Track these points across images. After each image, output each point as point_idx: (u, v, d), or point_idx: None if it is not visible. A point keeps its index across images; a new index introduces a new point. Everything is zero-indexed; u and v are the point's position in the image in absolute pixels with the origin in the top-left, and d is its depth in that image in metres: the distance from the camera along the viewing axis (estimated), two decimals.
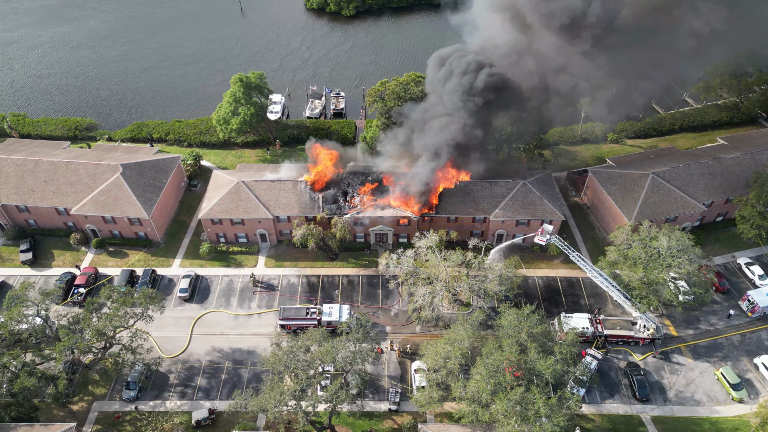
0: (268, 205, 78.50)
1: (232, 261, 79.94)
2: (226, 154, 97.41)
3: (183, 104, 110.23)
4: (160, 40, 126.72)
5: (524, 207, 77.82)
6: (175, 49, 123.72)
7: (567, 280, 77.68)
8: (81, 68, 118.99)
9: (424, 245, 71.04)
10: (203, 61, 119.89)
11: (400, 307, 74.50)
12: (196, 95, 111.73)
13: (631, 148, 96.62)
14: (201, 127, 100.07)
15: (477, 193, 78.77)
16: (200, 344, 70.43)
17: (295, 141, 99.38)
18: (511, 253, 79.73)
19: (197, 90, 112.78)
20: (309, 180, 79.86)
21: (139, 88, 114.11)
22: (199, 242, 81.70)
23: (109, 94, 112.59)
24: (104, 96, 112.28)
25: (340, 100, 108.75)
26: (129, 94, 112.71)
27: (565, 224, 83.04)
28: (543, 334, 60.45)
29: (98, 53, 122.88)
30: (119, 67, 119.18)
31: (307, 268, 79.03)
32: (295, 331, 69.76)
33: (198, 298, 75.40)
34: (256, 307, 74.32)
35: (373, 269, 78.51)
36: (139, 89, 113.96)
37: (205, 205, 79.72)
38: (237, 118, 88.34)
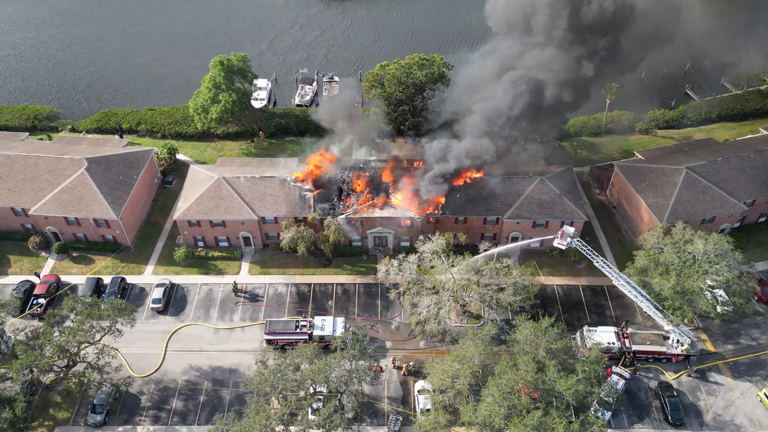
0: (252, 205, 78.40)
1: (211, 268, 79.84)
2: (204, 147, 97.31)
3: (158, 91, 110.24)
4: (135, 18, 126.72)
5: (542, 206, 77.74)
6: (151, 29, 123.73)
7: (590, 289, 77.56)
8: (43, 49, 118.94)
9: (428, 250, 70.92)
10: (183, 42, 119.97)
11: (402, 319, 74.40)
12: (173, 81, 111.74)
13: (662, 140, 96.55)
14: (177, 117, 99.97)
15: (489, 190, 78.68)
16: (176, 362, 70.23)
17: (283, 132, 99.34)
18: (527, 259, 79.64)
19: (175, 75, 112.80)
20: (299, 176, 79.72)
21: (108, 73, 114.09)
22: (175, 247, 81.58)
23: (74, 79, 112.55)
24: (69, 81, 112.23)
25: (334, 85, 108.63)
26: (97, 80, 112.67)
27: (588, 226, 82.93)
28: (563, 350, 60.31)
29: (64, 32, 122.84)
30: (87, 49, 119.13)
31: (296, 275, 78.92)
32: (283, 347, 69.66)
33: (173, 309, 75.30)
34: (238, 320, 74.22)
35: (372, 277, 78.43)
36: (108, 74, 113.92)
37: (181, 204, 79.60)
38: (217, 106, 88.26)
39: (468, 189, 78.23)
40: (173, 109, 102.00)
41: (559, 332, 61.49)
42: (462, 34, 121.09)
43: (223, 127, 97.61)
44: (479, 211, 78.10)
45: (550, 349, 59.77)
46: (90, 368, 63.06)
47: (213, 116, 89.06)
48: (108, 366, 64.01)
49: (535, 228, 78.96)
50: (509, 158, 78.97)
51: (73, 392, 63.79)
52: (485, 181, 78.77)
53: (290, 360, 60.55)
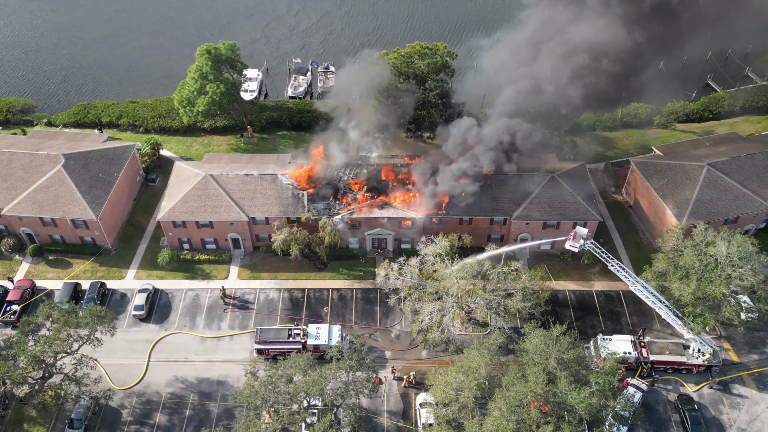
0: (241, 204, 78.27)
1: (198, 272, 79.73)
2: (190, 142, 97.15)
3: (140, 82, 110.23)
4: (117, 3, 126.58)
5: (553, 206, 77.63)
6: (134, 15, 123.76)
7: (605, 295, 77.47)
8: (17, 37, 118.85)
9: (431, 252, 70.78)
10: (169, 29, 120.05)
11: (403, 327, 74.28)
12: (157, 71, 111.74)
13: (682, 134, 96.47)
14: (160, 109, 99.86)
15: (496, 188, 78.56)
16: (160, 373, 70.10)
17: (275, 126, 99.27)
18: (537, 262, 79.52)
19: (159, 65, 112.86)
20: (292, 174, 79.59)
21: (87, 62, 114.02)
22: (158, 249, 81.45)
23: (51, 70, 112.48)
24: (45, 71, 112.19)
25: (330, 76, 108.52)
26: (75, 70, 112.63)
27: (602, 226, 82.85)
28: (576, 360, 60.22)
29: (40, 19, 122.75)
30: (65, 37, 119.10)
31: (289, 280, 78.80)
32: (275, 357, 69.57)
33: (157, 316, 75.19)
34: (227, 328, 74.11)
35: (370, 281, 78.33)
36: (87, 63, 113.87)
37: (166, 204, 79.45)
38: (204, 98, 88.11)
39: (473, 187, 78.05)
40: (157, 101, 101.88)
41: (572, 341, 61.39)
42: (469, 21, 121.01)
43: (210, 121, 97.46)
44: (485, 210, 77.95)
45: (562, 359, 59.65)
46: (67, 380, 62.89)
47: (199, 109, 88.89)
48: (86, 378, 63.83)
49: (546, 229, 78.83)
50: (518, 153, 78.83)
51: (49, 406, 63.58)
52: (492, 179, 78.60)
53: (282, 371, 60.40)
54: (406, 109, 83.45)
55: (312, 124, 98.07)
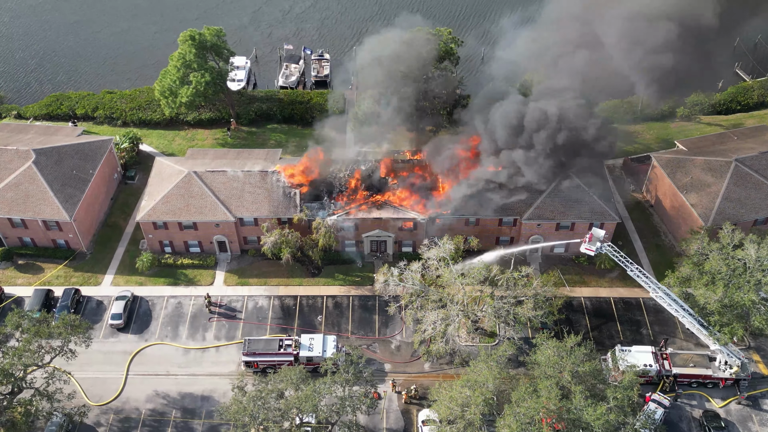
0: (228, 204, 78.31)
1: (181, 277, 79.76)
2: (173, 136, 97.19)
3: (119, 71, 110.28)
4: None
5: (567, 205, 77.66)
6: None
7: (623, 302, 77.51)
8: None
9: (434, 256, 70.80)
10: (150, 13, 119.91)
11: (404, 337, 74.30)
12: (137, 59, 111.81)
13: (707, 128, 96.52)
14: (140, 101, 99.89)
15: (505, 186, 78.40)
16: (139, 387, 70.11)
17: (264, 119, 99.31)
18: (550, 267, 79.54)
19: (139, 52, 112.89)
20: (283, 170, 79.64)
21: (61, 50, 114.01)
22: (138, 253, 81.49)
23: (22, 57, 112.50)
24: (15, 59, 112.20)
25: (324, 64, 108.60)
26: (48, 57, 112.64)
27: (621, 228, 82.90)
28: (592, 373, 60.25)
29: (10, 2, 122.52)
30: (37, 21, 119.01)
31: (280, 286, 78.85)
32: (265, 371, 69.57)
33: (136, 326, 75.24)
34: (212, 339, 74.14)
35: (368, 288, 78.39)
36: (61, 51, 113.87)
37: (145, 203, 79.50)
38: (187, 88, 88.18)
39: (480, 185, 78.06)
40: (136, 91, 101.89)
41: (587, 353, 61.40)
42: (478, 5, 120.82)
43: (194, 113, 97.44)
44: (494, 210, 77.96)
45: (577, 372, 59.68)
46: (38, 395, 62.85)
47: (182, 100, 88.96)
48: (59, 393, 63.78)
49: (560, 231, 78.86)
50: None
51: (18, 423, 63.51)
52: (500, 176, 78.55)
53: (273, 385, 60.41)
54: (409, 100, 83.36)
55: (305, 116, 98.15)
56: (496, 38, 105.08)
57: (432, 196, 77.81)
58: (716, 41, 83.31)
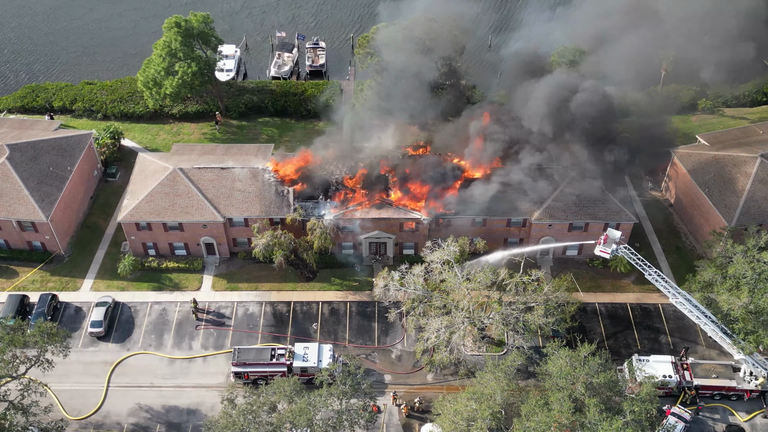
0: (216, 203, 78.29)
1: (165, 282, 79.75)
2: (157, 131, 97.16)
3: (99, 60, 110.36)
4: None
5: (580, 204, 77.66)
6: None
7: (641, 309, 77.52)
8: None
9: (438, 259, 70.77)
10: None
11: (405, 346, 74.29)
12: (119, 48, 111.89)
13: (731, 121, 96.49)
14: (122, 92, 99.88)
15: (513, 185, 78.44)
16: (121, 400, 70.13)
17: (255, 111, 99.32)
18: (562, 270, 79.50)
19: (122, 40, 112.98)
20: (275, 167, 79.61)
21: (38, 38, 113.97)
22: (119, 256, 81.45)
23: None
24: None
25: (320, 53, 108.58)
26: (23, 46, 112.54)
27: (638, 228, 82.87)
28: (607, 385, 60.18)
29: None
30: (12, 7, 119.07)
31: (272, 291, 78.85)
32: (256, 382, 69.58)
33: (117, 334, 75.24)
34: (199, 348, 74.14)
35: (367, 293, 78.38)
36: (38, 39, 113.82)
37: (128, 202, 79.47)
38: (172, 78, 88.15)
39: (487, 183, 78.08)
40: (117, 82, 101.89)
41: (602, 363, 61.28)
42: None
43: (179, 106, 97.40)
44: (502, 210, 77.93)
45: (591, 383, 59.62)
46: (13, 408, 62.72)
47: (167, 92, 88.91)
48: (35, 406, 63.60)
49: (572, 232, 78.84)
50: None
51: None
52: (509, 173, 78.55)
53: (264, 398, 60.35)
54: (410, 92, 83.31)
55: (299, 108, 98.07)
56: (504, 24, 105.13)
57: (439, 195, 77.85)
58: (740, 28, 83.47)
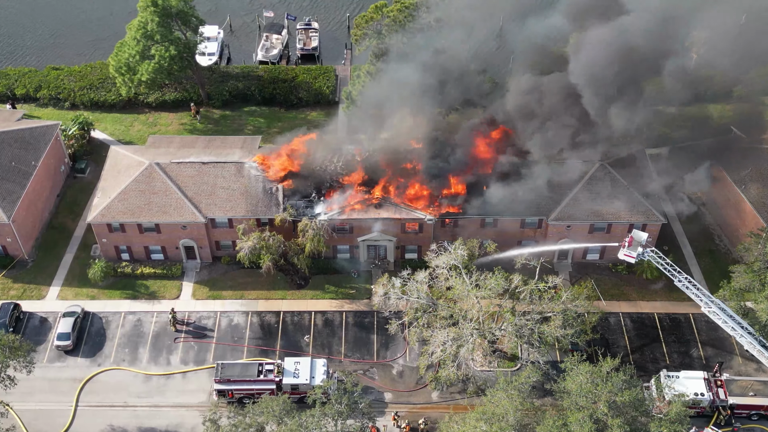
0: (197, 202, 78.33)
1: (141, 290, 79.81)
2: (131, 121, 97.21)
3: (67, 43, 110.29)
4: None
5: (602, 203, 77.67)
6: None
7: (670, 319, 77.59)
8: None
9: (444, 264, 70.79)
10: None
11: (407, 361, 74.32)
12: (89, 30, 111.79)
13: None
14: (92, 79, 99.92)
15: (528, 180, 78.40)
16: (91, 421, 70.09)
17: (241, 100, 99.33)
18: (582, 276, 79.52)
19: (93, 22, 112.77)
20: (263, 162, 79.60)
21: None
22: (89, 260, 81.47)
23: None
24: None
25: (312, 35, 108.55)
26: None
27: (666, 230, 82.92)
28: (632, 403, 60.25)
29: None
30: None
31: (259, 300, 78.92)
32: (241, 401, 69.60)
33: (87, 348, 75.25)
34: (178, 363, 74.16)
35: (365, 302, 78.45)
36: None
37: (98, 201, 79.52)
38: (148, 63, 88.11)
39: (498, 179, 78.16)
40: (87, 67, 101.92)
41: (627, 379, 61.39)
42: None
43: (156, 93, 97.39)
44: (515, 209, 78.00)
45: (614, 402, 59.69)
46: None
47: (142, 78, 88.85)
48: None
49: (593, 233, 78.90)
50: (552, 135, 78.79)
51: None
52: (523, 168, 78.59)
53: (251, 418, 60.36)
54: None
55: (289, 96, 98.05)
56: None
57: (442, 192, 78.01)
58: None
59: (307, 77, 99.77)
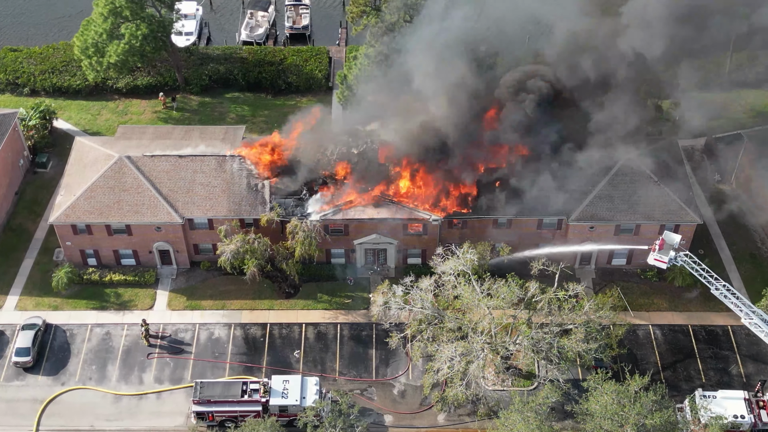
0: (173, 200, 78.31)
1: (110, 299, 79.80)
2: (99, 109, 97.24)
3: (27, 21, 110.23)
4: None
5: (630, 201, 77.68)
6: None
7: (706, 332, 77.55)
8: None
9: (451, 270, 70.74)
10: None
11: (410, 380, 74.30)
12: (54, 7, 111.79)
13: None
14: (55, 61, 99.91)
15: (545, 178, 78.49)
16: None
17: (222, 85, 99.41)
18: (607, 283, 79.43)
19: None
20: (247, 154, 79.56)
21: None
22: (52, 266, 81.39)
23: None
24: None
25: (302, 12, 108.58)
26: None
27: (702, 231, 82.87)
28: (664, 427, 60.23)
29: None
30: None
31: (243, 311, 78.91)
32: (223, 424, 69.61)
33: (49, 365, 75.14)
34: (152, 382, 74.10)
35: (362, 313, 78.46)
36: None
37: (62, 199, 79.48)
38: (117, 44, 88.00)
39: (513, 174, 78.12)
40: (49, 49, 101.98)
41: (658, 399, 61.42)
42: None
43: (127, 78, 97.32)
44: (531, 209, 77.97)
45: (643, 425, 59.69)
46: None
47: (111, 60, 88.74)
48: None
49: (620, 235, 78.85)
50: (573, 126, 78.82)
51: None
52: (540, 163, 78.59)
53: None
54: None
55: (276, 81, 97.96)
56: None
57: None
58: None
59: (297, 60, 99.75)
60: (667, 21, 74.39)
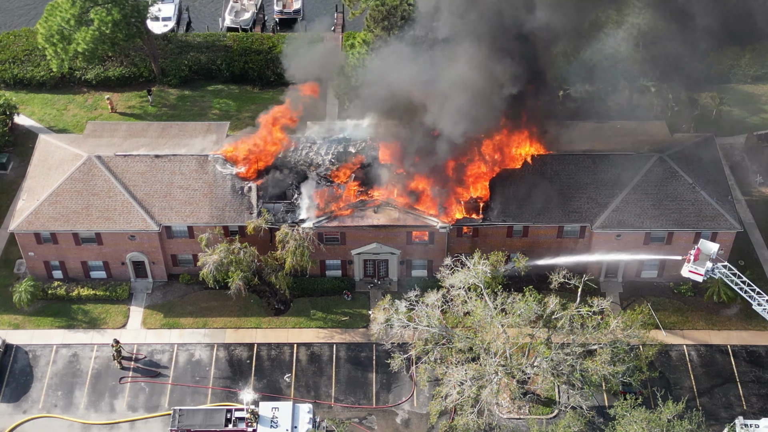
0: (149, 205, 78.44)
1: (77, 316, 79.88)
2: (65, 103, 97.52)
3: None
4: None
5: (660, 206, 77.80)
6: None
7: (747, 352, 77.55)
8: None
9: (461, 283, 70.84)
10: None
11: (415, 407, 74.31)
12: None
13: None
14: (16, 50, 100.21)
15: (567, 179, 78.78)
16: None
17: (204, 76, 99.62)
18: (636, 298, 79.49)
19: None
20: (230, 154, 79.71)
21: None
22: (12, 279, 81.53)
23: None
24: None
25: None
26: None
27: (742, 239, 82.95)
28: None
29: None
30: None
31: (227, 329, 79.04)
32: None
33: (9, 390, 75.16)
34: (125, 409, 74.11)
35: (361, 332, 78.59)
36: None
37: (24, 205, 79.60)
38: (86, 30, 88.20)
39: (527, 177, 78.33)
40: (9, 36, 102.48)
41: (693, 428, 61.38)
42: None
43: (97, 69, 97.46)
44: (551, 215, 78.15)
45: None
46: None
47: (79, 48, 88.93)
48: None
49: (650, 244, 78.96)
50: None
51: None
52: (559, 163, 78.83)
53: None
54: None
55: (264, 72, 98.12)
56: None
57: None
58: None
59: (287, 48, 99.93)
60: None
